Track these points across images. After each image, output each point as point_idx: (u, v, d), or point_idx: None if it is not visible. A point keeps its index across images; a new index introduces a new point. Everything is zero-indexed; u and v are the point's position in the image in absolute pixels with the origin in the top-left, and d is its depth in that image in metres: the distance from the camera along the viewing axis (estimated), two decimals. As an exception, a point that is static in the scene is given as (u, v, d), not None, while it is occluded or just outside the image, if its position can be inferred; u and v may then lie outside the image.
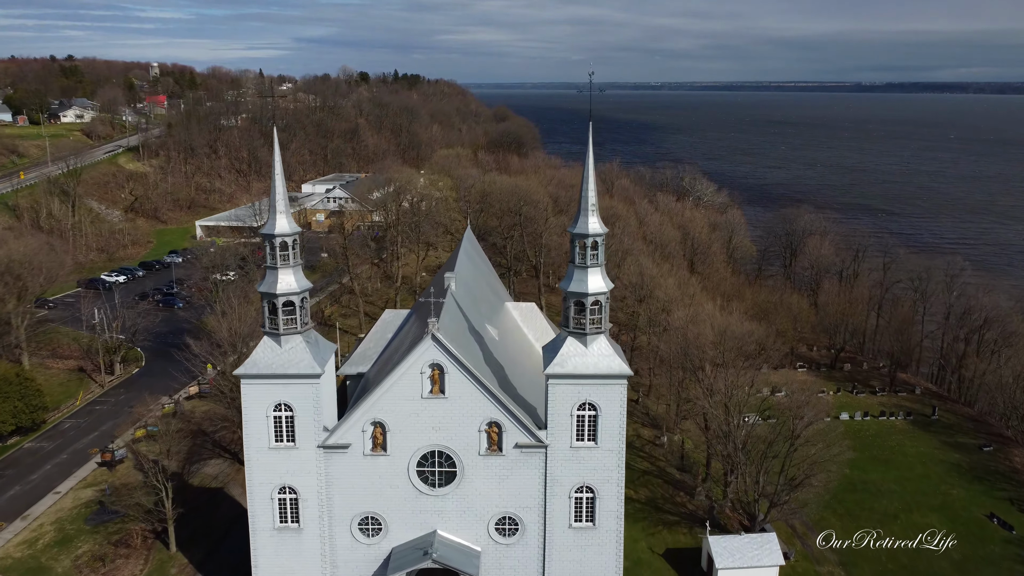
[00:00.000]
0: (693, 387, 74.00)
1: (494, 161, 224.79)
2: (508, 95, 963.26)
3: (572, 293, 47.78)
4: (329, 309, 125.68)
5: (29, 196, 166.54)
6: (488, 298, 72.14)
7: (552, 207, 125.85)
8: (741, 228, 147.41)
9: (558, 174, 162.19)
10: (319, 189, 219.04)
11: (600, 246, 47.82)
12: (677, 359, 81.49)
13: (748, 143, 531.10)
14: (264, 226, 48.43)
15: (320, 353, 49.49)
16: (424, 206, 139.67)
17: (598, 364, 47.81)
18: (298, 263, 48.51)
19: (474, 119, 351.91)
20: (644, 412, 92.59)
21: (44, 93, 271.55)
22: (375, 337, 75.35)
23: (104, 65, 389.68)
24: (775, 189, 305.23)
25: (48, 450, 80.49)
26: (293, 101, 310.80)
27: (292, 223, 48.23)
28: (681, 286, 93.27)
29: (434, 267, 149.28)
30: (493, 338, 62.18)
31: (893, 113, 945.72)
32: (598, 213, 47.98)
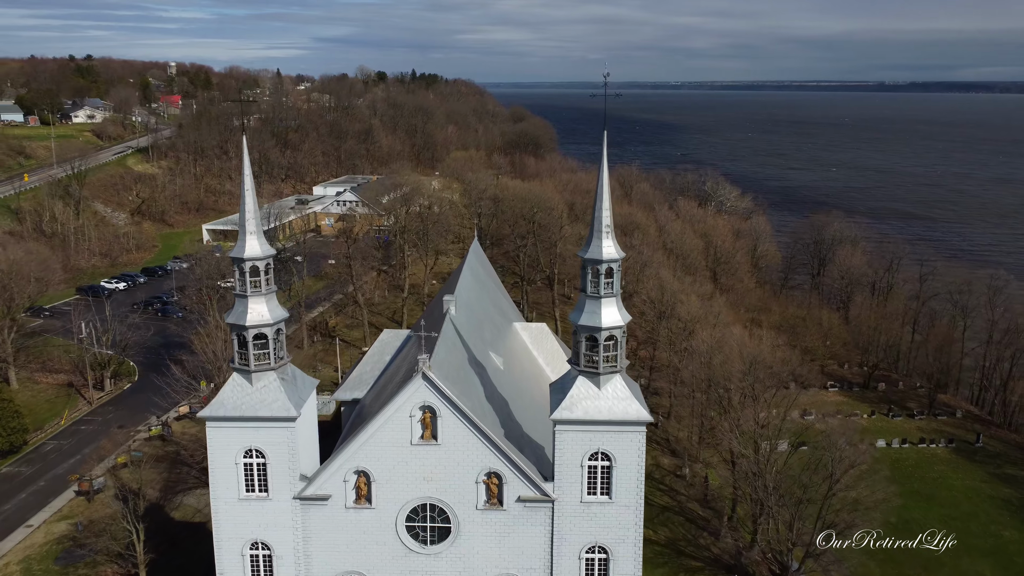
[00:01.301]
0: (719, 418, 67.61)
1: (509, 163, 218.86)
2: (526, 95, 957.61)
3: (584, 327, 41.61)
4: (333, 320, 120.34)
5: (32, 199, 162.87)
6: (494, 319, 66.10)
7: (568, 214, 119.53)
8: (766, 235, 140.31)
9: (575, 178, 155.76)
10: (330, 191, 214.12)
11: (616, 273, 41.61)
12: (700, 383, 75.13)
13: (770, 144, 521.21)
14: (233, 248, 42.65)
15: (297, 392, 43.67)
16: (436, 210, 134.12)
17: (613, 409, 41.60)
18: (271, 290, 42.73)
19: (491, 119, 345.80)
20: (664, 438, 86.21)
21: (57, 93, 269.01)
22: (372, 359, 69.55)
23: (121, 65, 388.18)
24: (800, 192, 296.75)
25: (26, 475, 75.52)
26: (307, 101, 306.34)
27: (264, 245, 42.46)
28: (705, 303, 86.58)
29: (444, 273, 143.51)
30: (497, 368, 56.12)
31: (917, 113, 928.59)
32: (614, 235, 41.75)
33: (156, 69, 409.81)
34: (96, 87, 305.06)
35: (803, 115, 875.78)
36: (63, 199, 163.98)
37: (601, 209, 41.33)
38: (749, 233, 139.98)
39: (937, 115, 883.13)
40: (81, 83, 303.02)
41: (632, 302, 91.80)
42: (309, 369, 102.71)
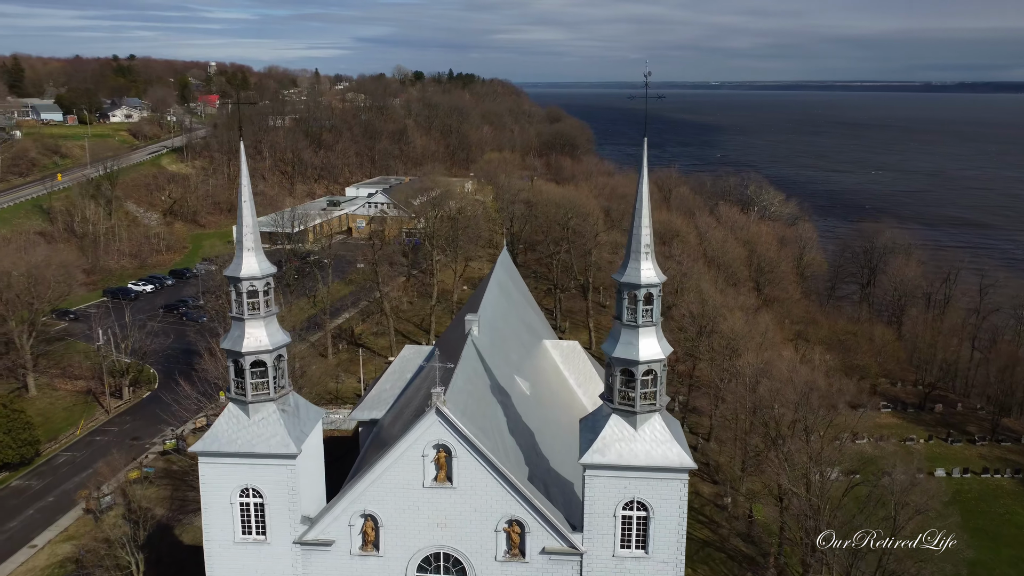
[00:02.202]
0: (765, 449, 62.10)
1: (544, 165, 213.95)
2: (563, 95, 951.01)
3: (619, 360, 36.73)
4: (359, 327, 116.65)
5: (65, 199, 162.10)
6: (521, 338, 61.44)
7: (603, 220, 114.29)
8: (812, 243, 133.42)
9: (611, 182, 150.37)
10: (362, 192, 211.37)
11: (656, 299, 36.67)
12: (744, 407, 69.62)
13: (813, 146, 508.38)
14: (229, 266, 38.59)
15: (299, 425, 39.46)
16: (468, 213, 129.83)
17: (651, 453, 36.67)
18: (271, 312, 38.57)
19: (527, 120, 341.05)
20: (703, 462, 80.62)
21: (95, 92, 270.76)
22: (393, 376, 65.40)
23: (163, 65, 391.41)
24: (845, 196, 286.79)
25: (35, 489, 72.77)
26: (341, 101, 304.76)
27: (264, 262, 38.31)
28: (749, 317, 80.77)
29: (475, 279, 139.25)
30: (523, 394, 51.46)
31: (966, 114, 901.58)
32: (654, 257, 36.78)
33: (196, 69, 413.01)
34: (135, 87, 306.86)
35: (846, 116, 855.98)
36: (95, 199, 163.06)
37: (640, 227, 36.42)
38: (794, 241, 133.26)
39: (987, 116, 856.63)
40: (121, 82, 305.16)
41: (670, 315, 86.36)
42: (331, 379, 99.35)
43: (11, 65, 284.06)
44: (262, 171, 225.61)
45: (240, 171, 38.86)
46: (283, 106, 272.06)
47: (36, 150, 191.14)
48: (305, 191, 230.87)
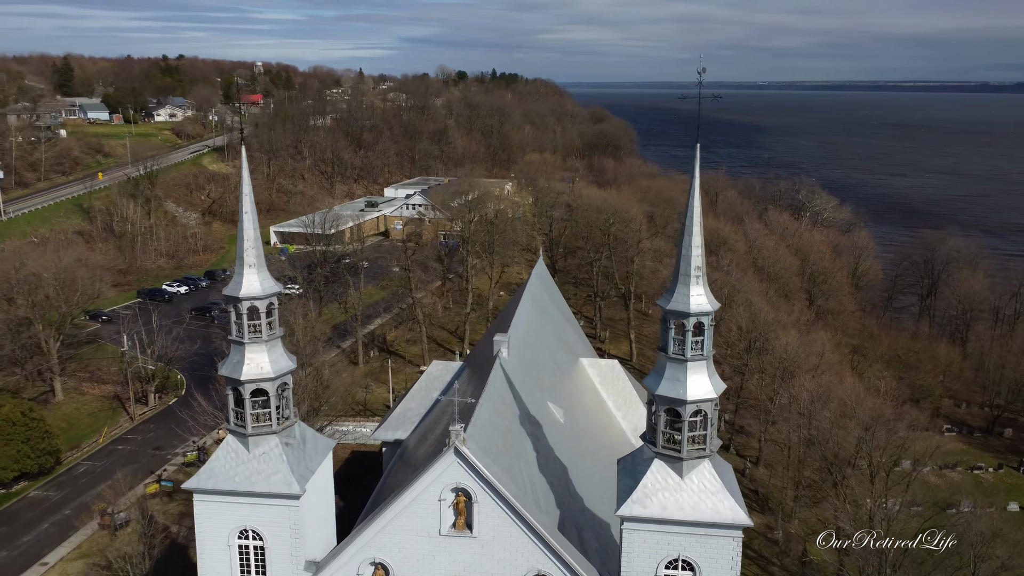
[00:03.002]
0: (822, 483, 56.68)
1: (586, 166, 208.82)
2: (607, 95, 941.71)
3: (664, 398, 32.06)
4: (392, 334, 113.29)
5: (105, 198, 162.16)
6: (556, 357, 56.96)
7: (647, 226, 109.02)
8: (869, 252, 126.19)
9: (655, 185, 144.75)
10: (401, 194, 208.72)
11: (708, 330, 31.92)
12: (796, 429, 64.19)
13: (864, 147, 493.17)
14: (228, 284, 34.87)
15: (305, 460, 35.57)
16: (508, 215, 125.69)
17: (699, 506, 31.93)
18: (275, 335, 34.73)
19: (569, 120, 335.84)
20: (752, 489, 75.21)
21: (141, 92, 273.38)
22: (419, 394, 61.44)
23: (210, 64, 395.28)
24: (900, 201, 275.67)
25: (53, 501, 70.57)
26: (383, 100, 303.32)
27: (267, 280, 34.51)
28: (804, 335, 74.93)
29: (512, 284, 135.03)
30: (556, 422, 47.02)
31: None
32: (705, 281, 32.03)
33: (243, 68, 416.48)
34: (181, 86, 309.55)
35: (899, 117, 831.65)
36: (134, 198, 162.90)
37: (690, 247, 31.69)
38: (849, 249, 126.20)
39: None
40: (167, 82, 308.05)
41: (717, 329, 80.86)
42: (360, 389, 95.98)
43: (61, 65, 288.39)
44: (302, 171, 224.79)
45: (241, 179, 35.20)
46: (324, 105, 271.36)
47: (79, 149, 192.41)
48: (344, 191, 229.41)
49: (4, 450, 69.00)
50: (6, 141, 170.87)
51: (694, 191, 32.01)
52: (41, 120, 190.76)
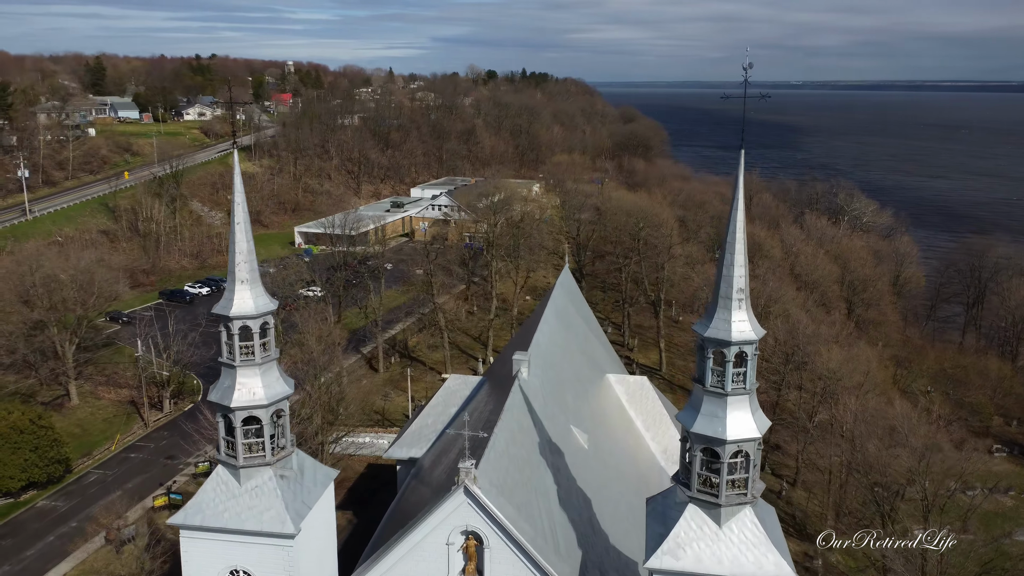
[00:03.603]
0: (868, 515, 52.42)
1: (616, 167, 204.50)
2: (638, 95, 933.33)
3: (700, 436, 28.40)
4: (414, 339, 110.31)
5: (131, 197, 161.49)
6: (581, 374, 53.40)
7: (678, 231, 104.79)
8: (912, 259, 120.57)
9: (687, 187, 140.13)
10: (427, 194, 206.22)
11: (751, 361, 28.18)
12: (837, 452, 59.91)
13: (902, 148, 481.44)
14: (219, 302, 31.83)
15: (302, 494, 32.43)
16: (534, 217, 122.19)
17: (740, 560, 28.21)
18: (269, 357, 31.64)
19: (599, 120, 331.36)
20: (788, 513, 70.89)
21: (172, 90, 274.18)
22: (435, 410, 58.30)
23: (241, 64, 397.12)
24: (940, 204, 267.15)
25: (60, 512, 68.48)
26: (411, 99, 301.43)
27: (262, 298, 31.42)
28: (846, 350, 70.30)
29: (539, 289, 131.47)
30: (580, 448, 43.47)
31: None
32: (749, 305, 28.28)
33: (274, 68, 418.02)
34: (211, 85, 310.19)
35: (938, 117, 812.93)
36: (159, 198, 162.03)
37: (733, 266, 27.96)
38: (890, 256, 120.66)
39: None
40: (197, 81, 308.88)
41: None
42: (379, 397, 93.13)
43: (93, 64, 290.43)
44: (328, 170, 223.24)
45: (233, 186, 31.98)
46: (352, 105, 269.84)
47: (107, 147, 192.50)
48: (371, 191, 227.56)
49: (11, 459, 67.04)
50: (35, 140, 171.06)
51: (737, 203, 28.28)
52: (70, 119, 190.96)
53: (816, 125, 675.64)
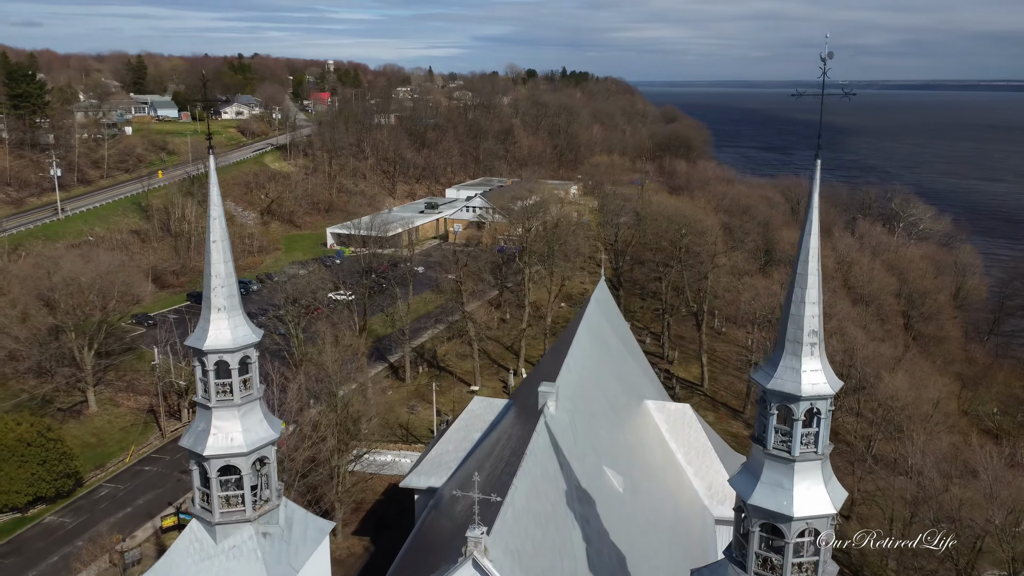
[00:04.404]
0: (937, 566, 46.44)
1: (656, 169, 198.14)
2: (679, 94, 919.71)
3: (759, 510, 23.28)
4: (443, 348, 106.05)
5: (164, 196, 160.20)
6: (616, 402, 48.34)
7: (722, 239, 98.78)
8: (974, 269, 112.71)
9: (731, 191, 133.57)
10: (462, 195, 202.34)
11: (824, 420, 22.97)
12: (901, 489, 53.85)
13: (956, 150, 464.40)
14: (193, 333, 27.56)
15: (288, 555, 28.02)
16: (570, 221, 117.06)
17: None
18: (250, 398, 27.26)
19: (640, 120, 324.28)
20: (843, 550, 64.84)
21: (211, 89, 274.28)
22: (457, 435, 53.78)
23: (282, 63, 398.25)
24: (1001, 210, 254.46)
25: (68, 529, 65.51)
26: (448, 98, 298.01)
27: (242, 328, 27.05)
28: (913, 379, 63.98)
29: (576, 295, 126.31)
30: (614, 492, 38.47)
31: None
32: (823, 351, 23.06)
33: (314, 67, 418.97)
34: (250, 84, 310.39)
35: (993, 117, 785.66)
36: (192, 197, 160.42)
37: (803, 302, 22.75)
38: (950, 267, 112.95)
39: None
40: (237, 80, 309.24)
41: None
42: (405, 409, 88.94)
43: (135, 63, 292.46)
44: (363, 170, 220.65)
45: (208, 198, 27.63)
46: (389, 104, 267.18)
47: (143, 146, 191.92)
48: (406, 191, 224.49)
49: (18, 473, 64.26)
50: (71, 138, 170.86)
51: (810, 226, 23.07)
52: (107, 117, 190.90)
53: (863, 125, 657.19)
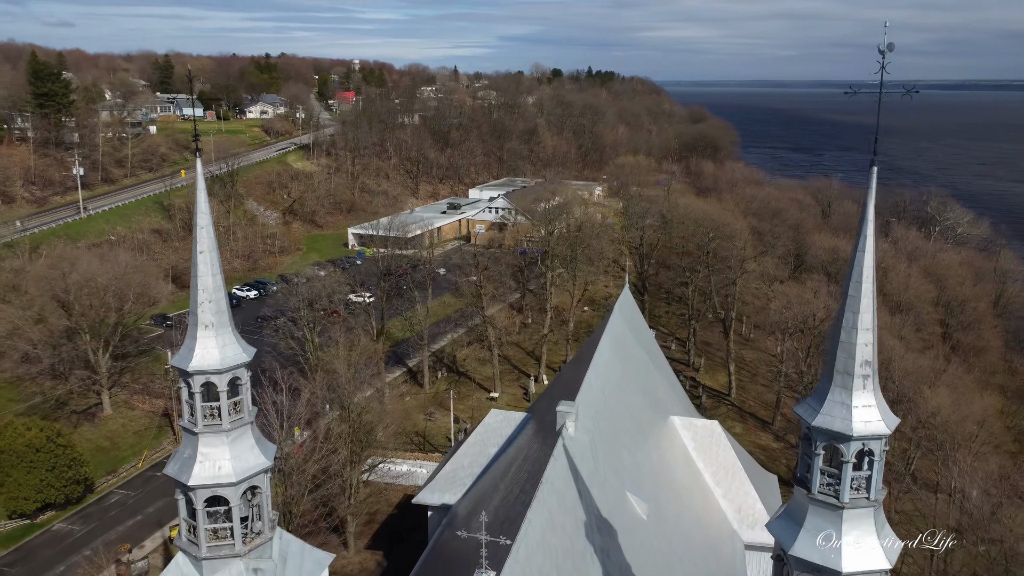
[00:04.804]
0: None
1: (683, 170, 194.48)
2: (707, 94, 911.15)
3: (801, 561, 20.60)
4: (463, 352, 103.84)
5: (186, 196, 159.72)
6: (641, 419, 45.69)
7: (751, 244, 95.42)
8: (1016, 277, 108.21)
9: (760, 193, 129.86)
10: (485, 195, 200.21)
11: (878, 463, 20.25)
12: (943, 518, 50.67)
13: (992, 151, 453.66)
14: (179, 352, 25.44)
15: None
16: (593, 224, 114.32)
17: None
18: (241, 422, 25.08)
19: (666, 120, 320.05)
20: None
21: (236, 88, 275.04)
22: (473, 449, 51.43)
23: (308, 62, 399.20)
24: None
25: (76, 537, 64.16)
26: (472, 98, 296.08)
27: (231, 346, 24.90)
28: (959, 397, 60.42)
29: (600, 300, 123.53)
30: (637, 520, 35.85)
31: None
32: (876, 383, 20.35)
33: (340, 66, 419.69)
34: (276, 83, 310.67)
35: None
36: (214, 196, 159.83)
37: (855, 328, 20.06)
38: (990, 273, 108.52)
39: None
40: (263, 79, 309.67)
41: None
42: (422, 416, 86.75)
43: (162, 62, 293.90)
44: (386, 170, 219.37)
45: (196, 205, 25.49)
46: (413, 103, 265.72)
47: (167, 145, 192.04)
48: (429, 191, 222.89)
49: (26, 479, 63.02)
50: (95, 137, 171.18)
51: (865, 240, 20.35)
52: (131, 116, 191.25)
53: (895, 126, 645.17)
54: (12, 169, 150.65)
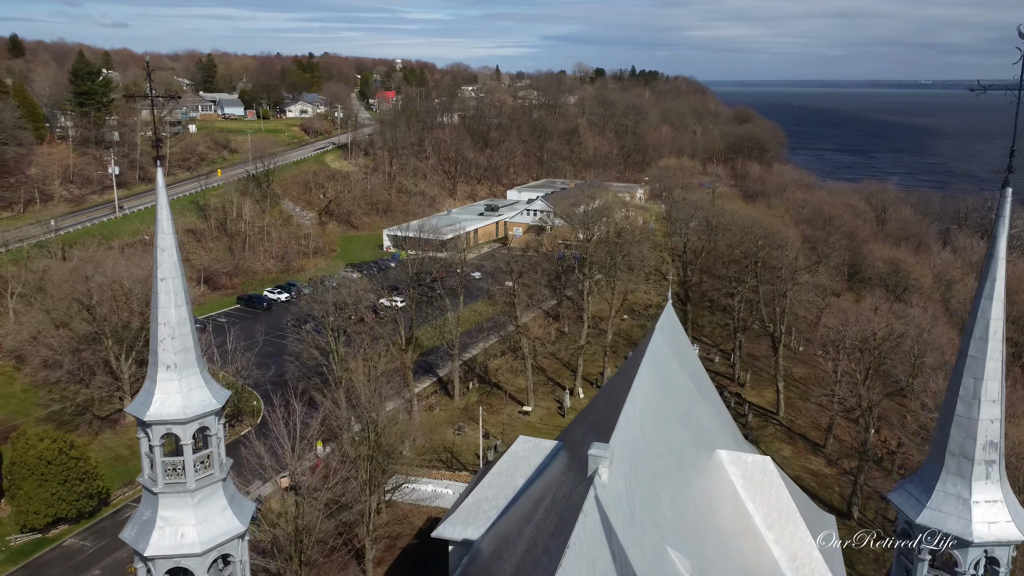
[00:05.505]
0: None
1: (728, 172, 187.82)
2: (753, 94, 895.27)
3: None
4: (496, 362, 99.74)
5: (222, 195, 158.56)
6: (684, 458, 40.96)
7: (803, 253, 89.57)
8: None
9: (812, 198, 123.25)
10: (524, 197, 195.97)
11: (1003, 572, 15.49)
12: None
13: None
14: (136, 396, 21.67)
15: None
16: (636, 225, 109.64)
17: None
18: (211, 478, 21.24)
19: (711, 120, 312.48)
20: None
21: (277, 88, 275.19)
22: (499, 480, 47.05)
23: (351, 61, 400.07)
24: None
25: (87, 553, 61.54)
26: (513, 97, 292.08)
27: (198, 391, 21.09)
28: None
29: (639, 307, 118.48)
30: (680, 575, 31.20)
31: None
32: (1003, 471, 15.59)
33: (383, 65, 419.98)
34: (317, 82, 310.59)
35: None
36: (250, 196, 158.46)
37: (977, 399, 15.35)
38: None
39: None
40: (305, 78, 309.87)
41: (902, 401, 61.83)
42: (450, 429, 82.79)
43: (205, 62, 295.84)
44: (424, 170, 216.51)
45: (156, 221, 21.66)
46: (453, 102, 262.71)
47: (205, 144, 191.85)
48: (467, 192, 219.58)
49: (37, 492, 60.65)
50: (135, 136, 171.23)
51: (994, 284, 15.61)
52: (171, 115, 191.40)
53: (950, 127, 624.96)
54: (51, 167, 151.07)
